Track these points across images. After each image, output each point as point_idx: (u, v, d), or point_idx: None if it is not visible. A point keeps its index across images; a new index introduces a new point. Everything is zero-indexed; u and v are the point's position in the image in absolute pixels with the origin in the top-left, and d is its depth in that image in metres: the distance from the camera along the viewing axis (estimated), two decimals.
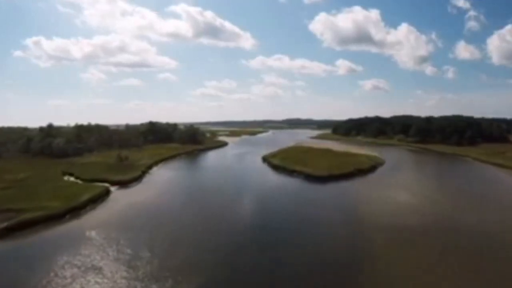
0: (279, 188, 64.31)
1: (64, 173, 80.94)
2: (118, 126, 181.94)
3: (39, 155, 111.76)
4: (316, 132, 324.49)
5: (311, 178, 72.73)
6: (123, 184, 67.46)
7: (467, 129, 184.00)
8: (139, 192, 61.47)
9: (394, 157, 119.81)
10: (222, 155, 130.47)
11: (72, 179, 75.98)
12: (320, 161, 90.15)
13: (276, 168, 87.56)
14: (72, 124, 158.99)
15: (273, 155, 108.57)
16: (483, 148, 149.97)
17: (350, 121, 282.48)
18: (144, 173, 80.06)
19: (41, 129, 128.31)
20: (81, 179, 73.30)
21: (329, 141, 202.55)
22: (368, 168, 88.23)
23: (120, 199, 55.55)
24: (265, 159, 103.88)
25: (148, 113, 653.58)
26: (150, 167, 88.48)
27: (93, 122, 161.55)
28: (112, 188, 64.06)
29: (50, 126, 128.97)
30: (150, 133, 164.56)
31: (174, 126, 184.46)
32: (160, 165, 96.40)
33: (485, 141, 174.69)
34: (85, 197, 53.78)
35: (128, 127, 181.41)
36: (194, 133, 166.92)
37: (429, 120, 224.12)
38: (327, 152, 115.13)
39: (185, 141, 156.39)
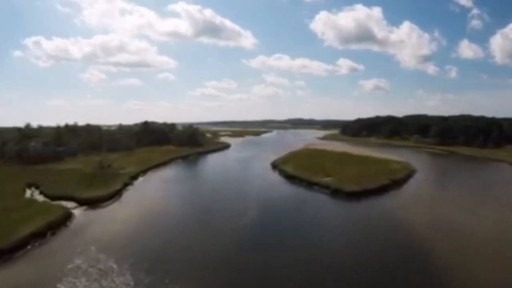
0: (301, 214, 47.37)
1: (30, 185, 65.47)
2: (109, 126, 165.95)
3: (15, 160, 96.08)
4: (322, 133, 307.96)
5: (339, 194, 56.29)
6: (94, 203, 51.41)
7: (493, 130, 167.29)
8: (111, 218, 45.04)
9: (422, 162, 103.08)
10: (224, 160, 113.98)
11: (36, 193, 60.59)
12: (344, 170, 73.87)
13: (291, 178, 71.00)
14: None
15: (284, 160, 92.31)
16: (510, 151, 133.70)
17: (360, 121, 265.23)
18: (126, 185, 63.80)
19: (18, 129, 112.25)
20: (46, 195, 57.67)
21: (340, 143, 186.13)
22: (404, 178, 71.93)
23: (80, 232, 39.33)
24: (275, 165, 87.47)
25: (148, 113, 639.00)
26: (135, 177, 71.98)
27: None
28: (78, 211, 48.11)
29: (27, 126, 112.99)
30: (144, 134, 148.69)
31: (172, 126, 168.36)
32: (149, 173, 79.86)
33: (508, 143, 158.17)
34: (32, 228, 37.83)
35: (121, 128, 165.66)
36: (193, 134, 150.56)
37: (448, 120, 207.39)
38: (347, 156, 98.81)
39: (183, 143, 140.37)
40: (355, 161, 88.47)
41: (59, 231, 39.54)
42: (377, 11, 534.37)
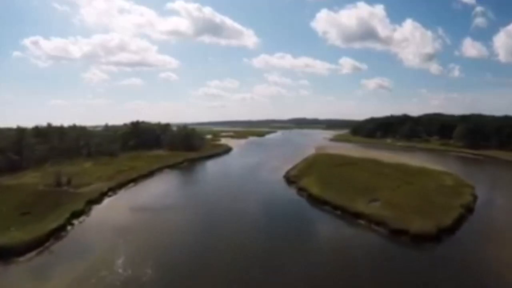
0: None
1: None
2: (95, 127, 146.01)
3: None
4: (328, 132, 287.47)
5: (404, 237, 35.53)
6: (8, 255, 31.08)
7: None
8: None
9: (466, 171, 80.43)
10: (223, 170, 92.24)
11: None
12: (389, 187, 53.49)
13: (316, 202, 50.27)
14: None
15: (302, 171, 71.72)
16: None
17: (372, 121, 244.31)
18: (77, 217, 43.02)
19: None
20: None
21: (356, 145, 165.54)
22: (472, 200, 51.40)
23: None
24: (290, 179, 66.54)
25: (149, 113, 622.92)
26: (97, 200, 50.57)
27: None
28: None
29: None
30: (132, 136, 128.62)
31: (165, 127, 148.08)
32: (121, 192, 58.34)
33: None
34: None
35: (107, 128, 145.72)
36: (187, 136, 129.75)
37: (470, 119, 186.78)
38: (379, 165, 78.09)
39: (175, 147, 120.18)
40: (394, 172, 68.01)
41: None
42: (379, 9, 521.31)
